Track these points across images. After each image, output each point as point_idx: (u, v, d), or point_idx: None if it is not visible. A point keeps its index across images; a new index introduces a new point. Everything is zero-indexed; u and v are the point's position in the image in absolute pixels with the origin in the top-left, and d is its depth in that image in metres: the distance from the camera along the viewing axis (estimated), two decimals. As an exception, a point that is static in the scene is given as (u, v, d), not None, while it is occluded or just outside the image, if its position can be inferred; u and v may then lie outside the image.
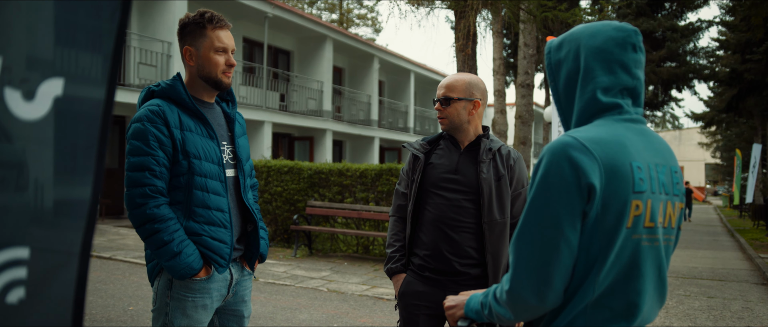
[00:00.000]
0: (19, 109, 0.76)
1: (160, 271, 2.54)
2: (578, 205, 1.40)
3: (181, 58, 2.63)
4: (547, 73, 1.68)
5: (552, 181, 1.42)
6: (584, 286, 1.43)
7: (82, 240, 0.82)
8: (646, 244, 1.47)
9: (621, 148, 1.45)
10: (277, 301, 7.16)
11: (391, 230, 2.99)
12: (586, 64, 1.56)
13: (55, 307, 0.81)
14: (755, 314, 7.50)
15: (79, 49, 0.83)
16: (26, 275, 0.78)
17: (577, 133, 1.46)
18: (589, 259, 1.43)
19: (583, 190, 1.39)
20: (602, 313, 1.44)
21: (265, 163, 11.68)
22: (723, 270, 11.34)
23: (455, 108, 2.80)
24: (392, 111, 28.42)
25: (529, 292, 1.43)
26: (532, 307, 1.45)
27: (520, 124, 14.36)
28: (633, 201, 1.43)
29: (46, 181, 0.80)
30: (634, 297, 1.46)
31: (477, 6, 12.09)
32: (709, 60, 30.66)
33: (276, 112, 19.11)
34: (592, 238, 1.42)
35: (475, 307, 1.65)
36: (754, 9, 17.72)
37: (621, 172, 1.42)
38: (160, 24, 15.75)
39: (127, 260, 9.38)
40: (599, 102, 1.54)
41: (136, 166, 2.41)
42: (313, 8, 45.10)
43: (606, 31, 1.57)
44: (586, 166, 1.39)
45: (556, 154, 1.43)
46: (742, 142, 38.39)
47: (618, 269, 1.44)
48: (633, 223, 1.44)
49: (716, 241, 17.42)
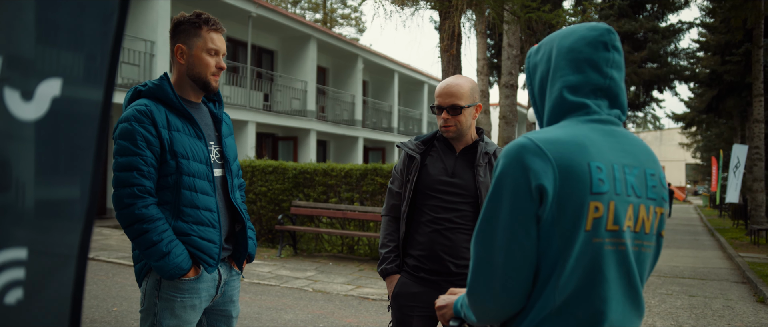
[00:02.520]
0: (18, 109, 0.76)
1: (148, 272, 2.53)
2: (530, 208, 1.37)
3: (171, 55, 2.62)
4: (525, 78, 1.67)
5: (504, 184, 1.40)
6: (545, 292, 1.39)
7: (80, 241, 0.81)
8: (609, 248, 1.40)
9: (578, 148, 1.40)
10: (262, 301, 7.14)
11: (385, 230, 2.96)
12: (555, 63, 1.53)
13: (53, 308, 0.81)
14: (736, 312, 7.60)
15: (77, 50, 0.83)
16: (24, 276, 0.77)
17: (535, 135, 1.43)
18: (549, 263, 1.39)
19: (534, 192, 1.36)
20: (567, 320, 1.38)
21: (249, 163, 11.64)
22: (704, 269, 11.47)
23: (464, 115, 2.76)
24: (376, 111, 28.42)
25: (486, 295, 1.41)
26: (490, 310, 1.43)
27: (504, 125, 14.43)
28: (591, 202, 1.37)
29: (44, 182, 0.80)
30: (598, 304, 1.38)
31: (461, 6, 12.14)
32: (689, 61, 30.96)
33: (260, 111, 19.04)
34: (550, 241, 1.38)
35: (457, 307, 1.64)
36: (733, 11, 17.97)
37: (576, 173, 1.37)
38: (143, 23, 15.63)
39: (111, 261, 9.31)
40: (566, 101, 1.50)
41: (124, 166, 2.39)
42: (296, 8, 44.99)
43: (579, 31, 1.54)
44: (538, 168, 1.36)
45: (510, 156, 1.40)
46: (722, 142, 38.83)
47: (579, 274, 1.38)
48: (592, 225, 1.37)
49: (697, 241, 17.62)
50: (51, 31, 0.80)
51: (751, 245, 15.66)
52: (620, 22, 26.61)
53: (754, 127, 18.31)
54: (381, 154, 29.56)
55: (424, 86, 31.46)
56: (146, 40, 15.34)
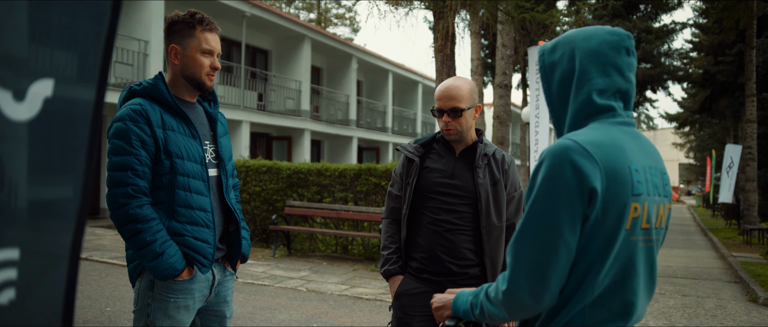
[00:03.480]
0: (9, 109, 0.75)
1: (141, 272, 2.52)
2: (579, 208, 1.41)
3: (165, 55, 2.61)
4: (540, 76, 1.69)
5: (554, 185, 1.42)
6: (583, 287, 1.45)
7: (72, 241, 0.81)
8: (641, 245, 1.50)
9: (619, 152, 1.46)
10: (256, 301, 7.13)
11: (386, 232, 2.97)
12: (581, 66, 1.57)
13: (46, 308, 0.81)
14: (728, 312, 7.63)
15: (69, 50, 0.83)
16: (17, 276, 0.77)
17: (577, 137, 1.47)
18: (587, 260, 1.44)
19: (585, 193, 1.40)
20: (600, 313, 1.46)
21: (243, 162, 11.62)
22: (697, 268, 11.52)
23: (465, 118, 2.77)
24: (370, 111, 28.41)
25: (526, 293, 1.44)
26: (527, 307, 1.46)
27: (497, 125, 14.44)
28: (632, 204, 1.45)
29: (36, 183, 0.80)
30: (630, 296, 1.48)
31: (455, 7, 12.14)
32: (682, 61, 31.07)
33: (254, 111, 19.01)
34: (591, 240, 1.43)
35: (463, 307, 1.65)
36: (726, 12, 18.02)
37: (620, 176, 1.44)
38: (137, 22, 15.58)
39: (104, 261, 9.28)
40: (594, 104, 1.55)
41: (119, 165, 2.39)
42: (290, 7, 44.91)
43: (600, 34, 1.59)
44: (588, 170, 1.41)
45: (558, 157, 1.43)
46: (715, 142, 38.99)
47: (616, 270, 1.46)
48: (631, 225, 1.46)
49: (690, 240, 17.68)
50: (43, 30, 0.80)
51: (743, 245, 15.72)
52: (614, 23, 26.67)
53: (746, 127, 18.39)
54: (375, 154, 29.55)
55: (419, 86, 31.46)
56: (140, 40, 15.28)
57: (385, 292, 7.87)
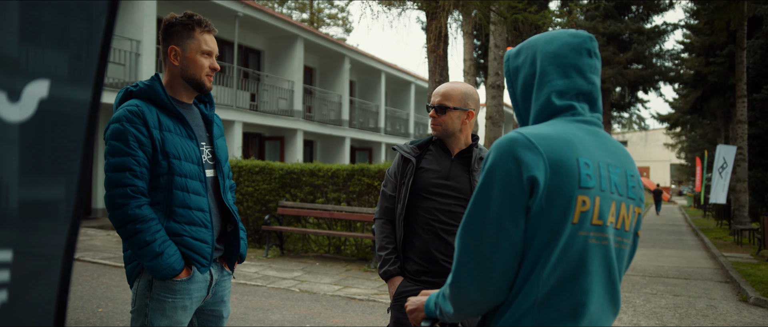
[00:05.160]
0: (4, 110, 0.75)
1: (140, 272, 2.52)
2: (520, 199, 1.40)
3: (163, 56, 2.61)
4: (505, 80, 1.70)
5: (495, 176, 1.42)
6: (529, 283, 1.43)
7: (66, 243, 0.81)
8: (593, 242, 1.44)
9: (567, 145, 1.45)
10: (249, 301, 7.11)
11: (381, 233, 2.97)
12: (542, 68, 1.58)
13: (38, 310, 0.80)
14: (719, 312, 7.67)
15: (65, 51, 0.82)
16: (9, 278, 0.77)
17: (525, 130, 1.47)
18: (533, 254, 1.42)
19: (526, 184, 1.39)
20: (549, 312, 1.42)
21: (236, 162, 11.59)
22: (688, 268, 11.57)
23: (450, 116, 2.82)
24: (363, 111, 28.41)
25: (471, 286, 1.43)
26: (474, 301, 1.45)
27: (490, 125, 14.47)
28: (579, 196, 1.42)
29: (30, 184, 0.79)
30: (580, 296, 1.43)
31: (448, 7, 12.15)
32: (674, 62, 31.24)
33: (246, 111, 18.97)
34: (536, 232, 1.41)
35: (429, 306, 1.65)
36: (717, 13, 18.11)
37: (566, 167, 1.42)
38: (129, 22, 15.51)
39: (96, 261, 9.24)
40: (553, 105, 1.56)
41: (117, 166, 2.39)
42: (283, 7, 44.86)
43: (562, 37, 1.60)
44: (530, 160, 1.40)
45: (502, 149, 1.44)
46: (706, 143, 39.21)
47: (564, 267, 1.41)
48: (579, 218, 1.42)
49: (681, 241, 17.77)
50: (38, 30, 0.79)
51: (734, 245, 15.81)
52: (606, 24, 26.79)
53: (737, 128, 18.48)
54: (368, 155, 29.54)
55: (411, 86, 31.48)
56: (132, 40, 15.22)
57: (378, 292, 7.87)
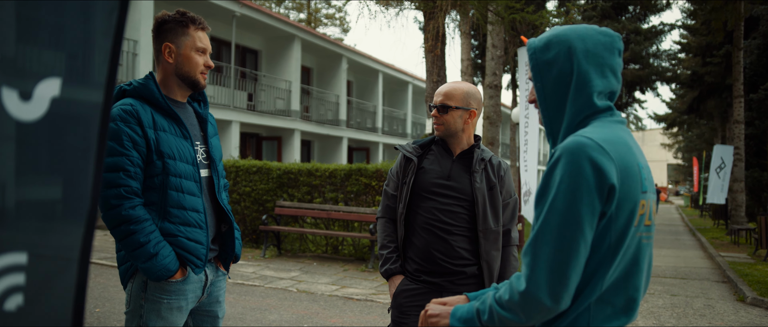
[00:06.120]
0: (16, 109, 0.74)
1: (133, 273, 2.49)
2: (598, 205, 1.41)
3: (157, 54, 2.58)
4: (532, 74, 1.66)
5: (575, 182, 1.41)
6: (591, 285, 1.45)
7: (82, 244, 0.80)
8: (644, 242, 1.52)
9: (628, 150, 1.48)
10: (247, 301, 7.10)
11: (383, 232, 2.98)
12: (580, 66, 1.56)
13: (55, 313, 0.79)
14: (716, 311, 7.68)
15: (77, 50, 0.81)
16: (25, 281, 0.75)
17: (589, 134, 1.47)
18: (597, 257, 1.44)
19: (604, 190, 1.41)
20: (604, 310, 1.46)
21: (233, 162, 11.57)
22: (685, 268, 11.59)
23: (452, 116, 2.82)
24: (360, 111, 28.37)
25: (546, 293, 1.41)
26: (545, 308, 1.43)
27: (488, 125, 14.47)
28: (640, 200, 1.47)
29: (44, 185, 0.78)
30: (633, 292, 1.49)
31: (446, 7, 12.15)
32: (671, 63, 31.27)
33: (244, 111, 18.93)
34: (604, 237, 1.44)
35: (465, 315, 1.59)
36: (714, 13, 18.16)
37: (632, 173, 1.46)
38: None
39: (93, 261, 9.21)
40: (595, 106, 1.56)
41: (110, 166, 2.36)
42: (280, 7, 44.78)
43: (592, 34, 1.59)
44: (607, 167, 1.41)
45: (576, 154, 1.42)
46: (703, 143, 39.25)
47: (622, 267, 1.47)
48: (638, 221, 1.47)
49: (678, 241, 17.80)
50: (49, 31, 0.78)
51: (731, 245, 15.84)
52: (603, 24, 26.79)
53: (734, 128, 18.53)
54: (365, 155, 29.52)
55: (409, 86, 31.45)
56: (129, 40, 15.19)
57: (376, 292, 7.86)
